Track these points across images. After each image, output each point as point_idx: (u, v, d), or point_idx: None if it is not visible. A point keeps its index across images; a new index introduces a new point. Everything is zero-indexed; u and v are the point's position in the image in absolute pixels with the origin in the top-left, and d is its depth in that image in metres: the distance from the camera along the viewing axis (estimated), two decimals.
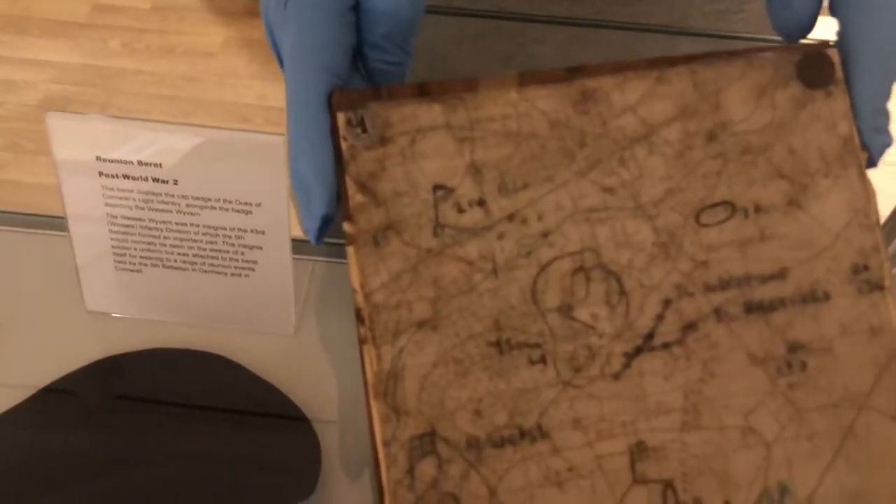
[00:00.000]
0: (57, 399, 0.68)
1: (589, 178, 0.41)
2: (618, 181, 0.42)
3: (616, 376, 0.41)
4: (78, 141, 0.65)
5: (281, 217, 0.67)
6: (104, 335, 0.72)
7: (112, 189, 0.67)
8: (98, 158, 0.66)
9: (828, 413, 0.42)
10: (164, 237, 0.69)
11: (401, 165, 0.40)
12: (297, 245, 0.75)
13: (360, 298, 0.40)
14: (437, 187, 0.40)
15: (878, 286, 0.43)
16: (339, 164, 0.40)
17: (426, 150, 0.40)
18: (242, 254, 0.68)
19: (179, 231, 0.68)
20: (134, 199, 0.67)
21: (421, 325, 0.40)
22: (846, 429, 0.42)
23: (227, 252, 0.69)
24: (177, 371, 0.70)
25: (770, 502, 0.42)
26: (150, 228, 0.69)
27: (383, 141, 0.40)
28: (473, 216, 0.41)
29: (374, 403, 0.40)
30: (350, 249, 0.40)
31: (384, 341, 0.40)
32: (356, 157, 0.40)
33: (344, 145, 0.40)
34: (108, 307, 0.73)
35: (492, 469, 0.40)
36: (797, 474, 0.42)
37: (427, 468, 0.40)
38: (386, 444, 0.40)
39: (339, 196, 0.40)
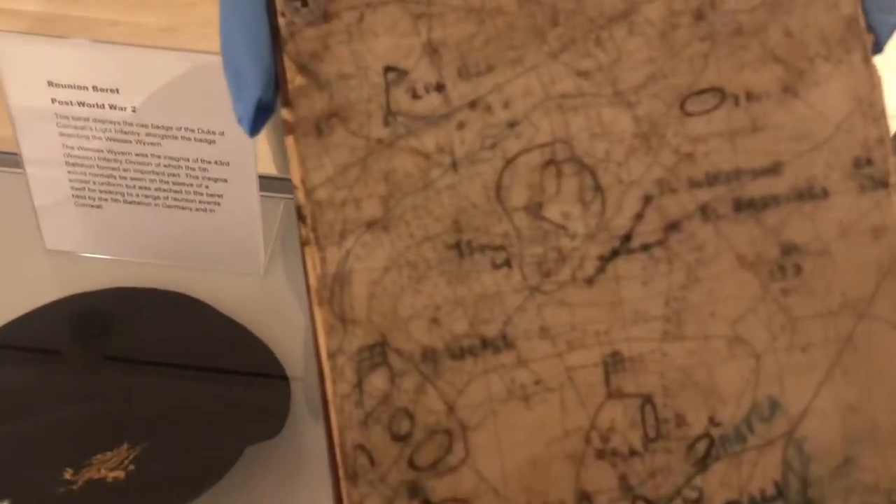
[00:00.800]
0: (16, 337, 0.64)
1: (561, 61, 0.37)
2: (594, 64, 0.37)
3: (589, 281, 0.37)
4: (29, 64, 0.61)
5: (246, 147, 0.62)
6: (65, 275, 0.69)
7: (66, 118, 0.63)
8: (50, 83, 0.62)
9: (824, 322, 0.38)
10: (124, 170, 0.65)
11: (347, 44, 0.35)
12: (267, 182, 0.71)
13: (301, 195, 0.35)
14: (388, 69, 0.36)
15: (882, 183, 0.38)
16: (277, 43, 0.35)
17: (376, 26, 0.36)
18: (207, 187, 0.65)
19: (140, 163, 0.64)
20: (90, 129, 0.63)
21: (370, 225, 0.35)
22: (844, 339, 0.38)
23: (191, 185, 0.65)
24: (141, 310, 0.66)
25: (759, 418, 0.37)
26: (109, 160, 0.65)
27: (327, 16, 0.35)
28: (430, 103, 0.36)
29: (317, 311, 0.35)
30: (289, 140, 0.35)
31: (329, 242, 0.35)
32: (295, 35, 0.35)
33: (281, 21, 0.35)
34: (68, 246, 0.69)
35: (450, 383, 0.36)
36: (789, 388, 0.37)
37: (377, 382, 0.35)
38: (331, 355, 0.35)
39: (278, 82, 0.35)
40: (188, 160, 0.65)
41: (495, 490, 0.36)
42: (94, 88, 0.63)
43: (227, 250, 0.69)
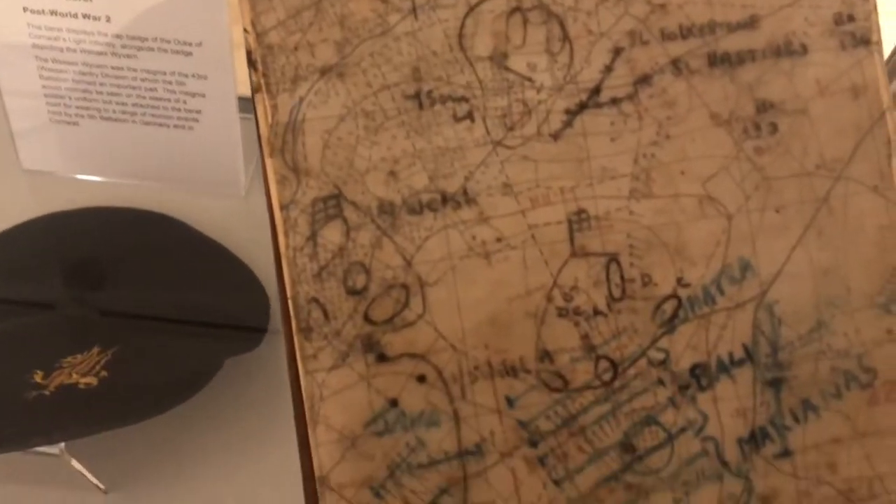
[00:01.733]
0: None
1: None
2: None
3: (555, 136, 0.35)
4: None
5: (224, 59, 0.60)
6: (42, 195, 0.67)
7: (39, 27, 0.61)
8: None
9: (799, 182, 0.36)
10: (100, 84, 0.63)
11: None
12: (248, 103, 0.69)
13: (251, 39, 0.33)
14: None
15: (863, 40, 0.36)
16: None
17: None
18: (185, 102, 0.62)
19: (116, 76, 0.62)
20: (64, 40, 0.61)
21: (325, 71, 0.34)
22: (820, 200, 0.36)
23: (168, 101, 0.63)
24: (118, 229, 0.65)
25: (730, 280, 0.35)
26: (84, 73, 0.63)
27: None
28: None
29: (269, 162, 0.33)
30: None
31: (281, 89, 0.34)
32: None
33: None
34: (45, 165, 0.67)
35: (408, 237, 0.34)
36: (762, 250, 0.36)
37: (332, 235, 0.34)
38: (284, 207, 0.33)
39: None
40: (165, 73, 0.63)
41: (453, 346, 0.34)
42: None
43: (207, 170, 0.66)
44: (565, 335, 0.35)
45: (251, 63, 0.34)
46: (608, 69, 0.35)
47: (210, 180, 0.66)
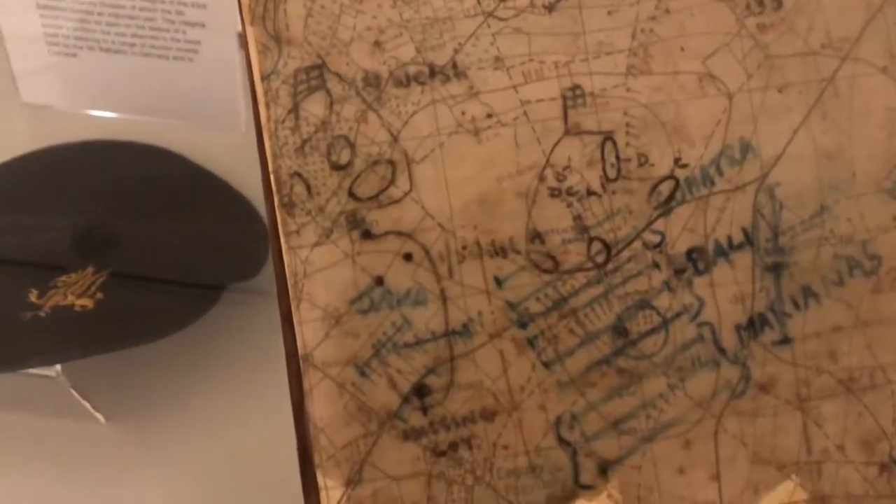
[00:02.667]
0: None
1: None
2: None
3: (549, 8, 0.34)
4: None
5: None
6: (41, 128, 0.66)
7: None
8: None
9: (804, 61, 0.34)
10: (99, 13, 0.62)
11: None
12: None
13: None
14: None
15: None
16: None
17: None
18: (184, 32, 0.61)
19: (114, 5, 0.61)
20: None
21: None
22: (825, 80, 0.34)
23: (167, 31, 0.62)
24: (117, 162, 0.64)
25: (729, 161, 0.34)
26: (82, 3, 0.62)
27: None
28: None
29: (249, 30, 0.32)
30: None
31: None
32: None
33: None
34: (44, 99, 0.67)
35: (394, 112, 0.33)
36: (763, 131, 0.34)
37: (315, 107, 0.32)
38: (265, 77, 0.32)
39: None
40: (164, 2, 0.62)
41: (441, 225, 0.33)
42: None
43: (207, 103, 0.65)
44: (557, 216, 0.34)
45: None
46: None
47: (210, 114, 0.65)
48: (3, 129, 0.66)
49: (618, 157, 0.34)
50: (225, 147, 0.65)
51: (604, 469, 0.34)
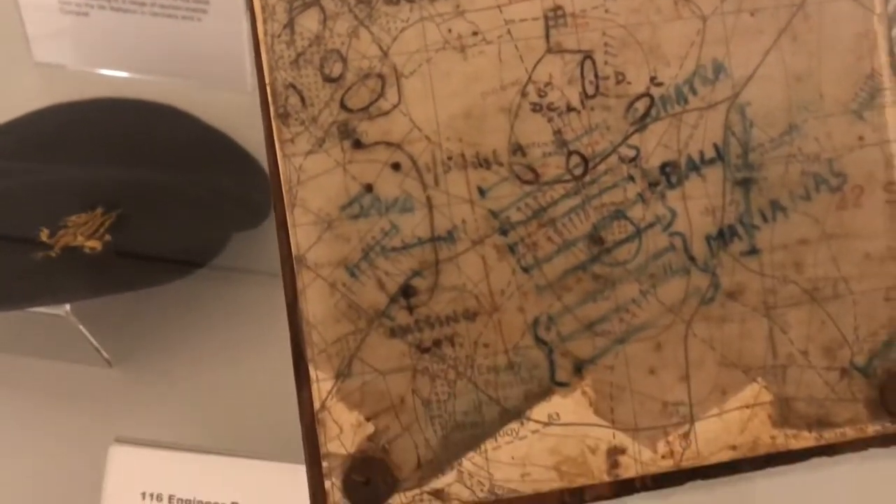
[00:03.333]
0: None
1: None
2: None
3: None
4: None
5: None
6: (53, 87, 0.67)
7: None
8: None
9: None
10: None
11: None
12: None
13: None
14: None
15: None
16: None
17: None
18: None
19: None
20: None
21: None
22: (796, 5, 0.36)
23: None
24: (126, 118, 0.65)
25: (702, 80, 0.36)
26: None
27: None
28: None
29: None
30: None
31: None
32: None
33: None
34: (56, 58, 0.68)
35: (384, 28, 0.35)
36: (735, 52, 0.36)
37: (309, 23, 0.34)
38: None
39: None
40: None
41: (427, 137, 0.35)
42: None
43: (214, 63, 0.66)
44: (538, 130, 0.36)
45: None
46: None
47: (217, 73, 0.66)
48: (15, 87, 0.68)
49: (596, 75, 0.36)
50: (231, 105, 0.66)
51: (578, 368, 0.35)
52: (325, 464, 0.34)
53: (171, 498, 0.43)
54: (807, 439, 0.36)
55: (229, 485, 0.42)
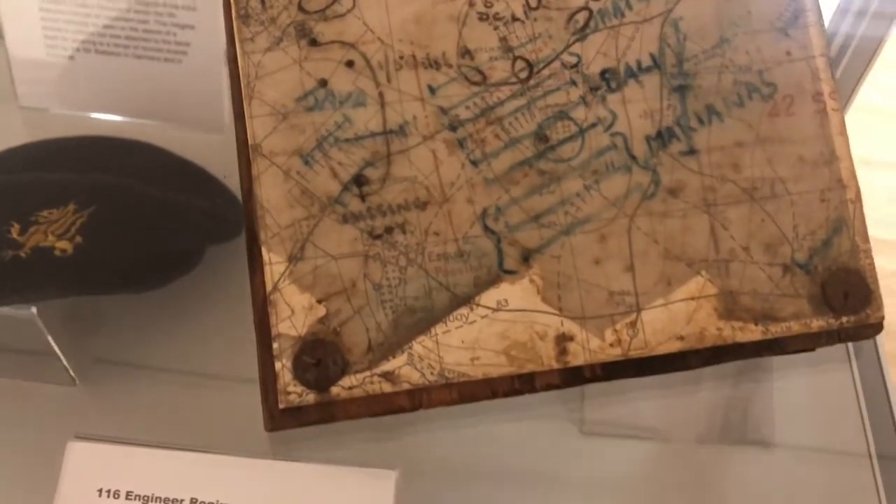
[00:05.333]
0: None
1: None
2: None
3: None
4: None
5: None
6: (36, 130, 0.67)
7: None
8: None
9: None
10: (96, 16, 0.64)
11: None
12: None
13: None
14: None
15: None
16: None
17: None
18: (174, 35, 0.63)
19: (111, 8, 0.64)
20: None
21: None
22: None
23: (159, 33, 0.63)
24: (104, 151, 0.66)
25: None
26: (81, 5, 0.65)
27: None
28: None
29: None
30: None
31: None
32: None
33: None
34: (40, 102, 0.68)
35: None
36: None
37: None
38: None
39: None
40: (157, 4, 0.66)
41: (380, 39, 0.37)
42: None
43: (193, 103, 0.67)
44: (485, 36, 0.38)
45: None
46: None
47: (195, 113, 0.67)
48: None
49: None
50: (207, 144, 0.67)
51: (525, 257, 0.36)
52: (275, 345, 0.34)
53: (128, 494, 0.42)
54: (753, 332, 0.36)
55: (187, 480, 0.41)
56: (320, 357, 0.34)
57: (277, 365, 0.34)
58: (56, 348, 0.45)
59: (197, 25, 0.63)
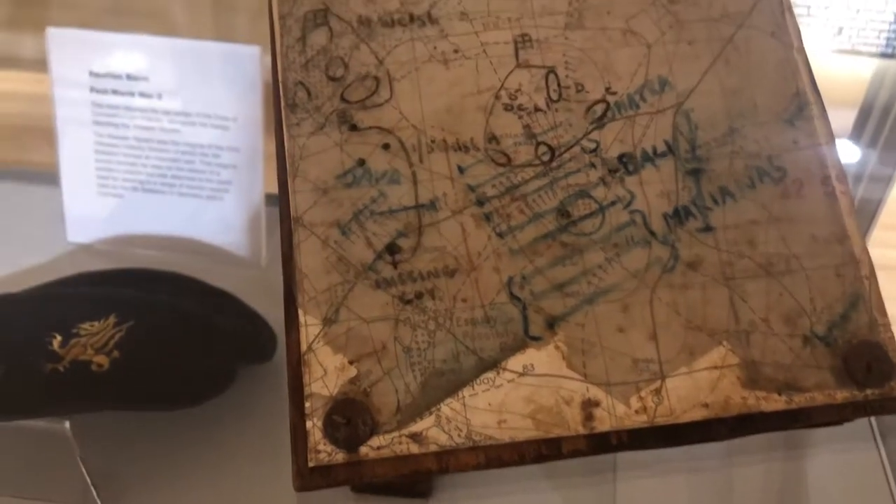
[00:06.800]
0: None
1: None
2: None
3: None
4: (76, 56, 0.62)
5: (255, 132, 0.60)
6: (83, 264, 0.68)
7: (101, 106, 0.62)
8: (91, 73, 0.62)
9: (707, 25, 0.42)
10: (146, 157, 0.66)
11: None
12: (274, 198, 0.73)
13: None
14: None
15: None
16: None
17: None
18: (218, 174, 0.64)
19: (161, 150, 0.62)
20: (121, 117, 0.62)
21: None
22: (726, 39, 0.42)
23: (204, 172, 0.62)
24: (145, 281, 0.68)
25: (651, 91, 0.41)
26: (134, 147, 0.65)
27: None
28: None
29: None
30: None
31: None
32: None
33: None
34: (88, 237, 0.65)
35: (381, 44, 0.41)
36: (677, 71, 0.42)
37: (319, 38, 0.41)
38: (282, 17, 0.41)
39: None
40: (203, 146, 0.67)
41: (414, 126, 0.40)
42: (128, 77, 0.69)
43: (232, 239, 0.66)
44: (510, 124, 0.40)
45: None
46: None
47: (234, 249, 0.67)
48: (47, 264, 0.70)
49: (559, 85, 0.41)
50: (244, 280, 0.65)
51: (551, 324, 0.37)
52: (307, 404, 0.35)
53: None
54: (777, 402, 0.37)
55: None
56: (350, 417, 0.34)
57: (308, 423, 0.34)
58: (82, 466, 0.45)
59: (239, 165, 0.65)
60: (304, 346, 0.34)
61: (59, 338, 0.51)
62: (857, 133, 0.62)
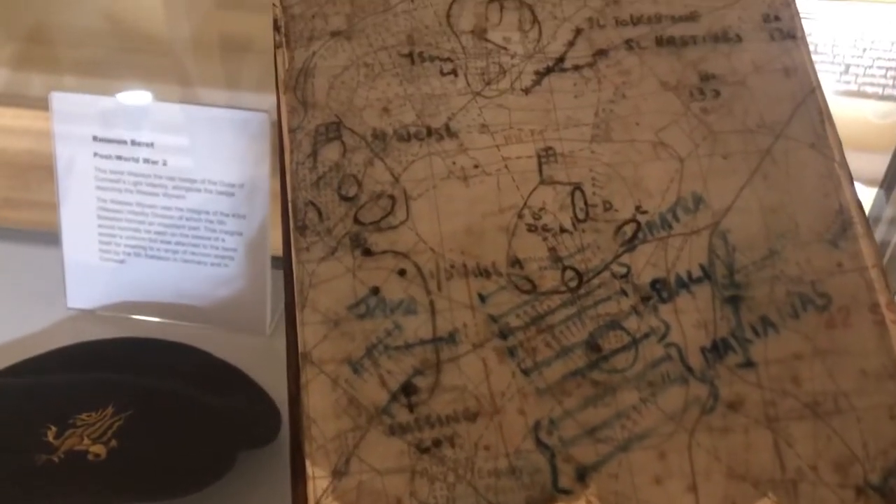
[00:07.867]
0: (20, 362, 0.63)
1: None
2: None
3: (526, 91, 0.40)
4: (79, 120, 0.66)
5: (262, 199, 0.63)
6: (82, 331, 0.68)
7: (104, 171, 0.61)
8: (95, 138, 0.63)
9: (743, 137, 0.40)
10: (150, 223, 0.67)
11: None
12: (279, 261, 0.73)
13: (278, 11, 0.40)
14: None
15: (790, 35, 0.42)
16: None
17: None
18: (223, 241, 0.65)
19: (164, 216, 0.66)
20: (124, 182, 0.66)
21: (335, 34, 0.40)
22: (763, 152, 0.40)
23: (209, 239, 0.65)
24: (144, 352, 0.66)
25: (684, 210, 0.38)
26: (137, 213, 0.67)
27: None
28: None
29: (283, 98, 0.39)
30: None
31: (298, 45, 0.40)
32: None
33: None
34: (88, 303, 0.70)
35: (397, 160, 0.38)
36: (713, 187, 0.39)
37: (331, 153, 0.38)
38: (292, 131, 0.38)
39: None
40: (208, 213, 0.67)
41: (432, 249, 0.37)
42: (132, 142, 0.68)
43: (237, 307, 0.68)
44: (534, 246, 0.37)
45: (276, 28, 0.40)
46: (571, 44, 0.41)
47: (238, 317, 0.67)
48: (47, 331, 0.68)
49: (586, 203, 0.38)
50: (249, 348, 0.66)
51: (582, 475, 0.34)
52: None
53: None
54: None
55: None
56: None
57: None
58: None
59: (245, 232, 0.64)
60: (311, 502, 0.31)
61: (54, 429, 0.49)
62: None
